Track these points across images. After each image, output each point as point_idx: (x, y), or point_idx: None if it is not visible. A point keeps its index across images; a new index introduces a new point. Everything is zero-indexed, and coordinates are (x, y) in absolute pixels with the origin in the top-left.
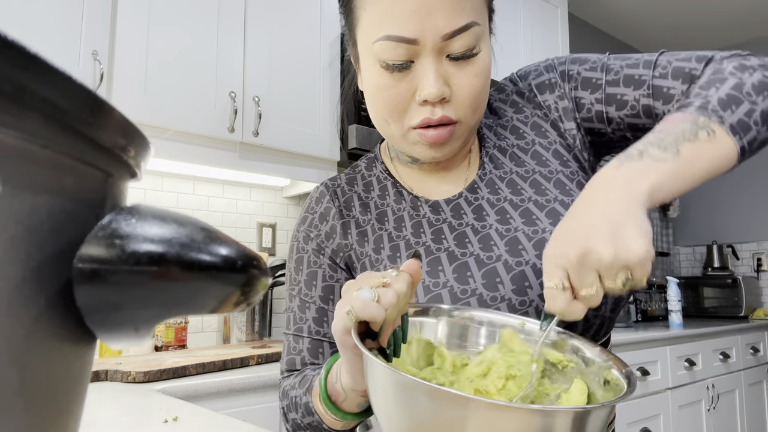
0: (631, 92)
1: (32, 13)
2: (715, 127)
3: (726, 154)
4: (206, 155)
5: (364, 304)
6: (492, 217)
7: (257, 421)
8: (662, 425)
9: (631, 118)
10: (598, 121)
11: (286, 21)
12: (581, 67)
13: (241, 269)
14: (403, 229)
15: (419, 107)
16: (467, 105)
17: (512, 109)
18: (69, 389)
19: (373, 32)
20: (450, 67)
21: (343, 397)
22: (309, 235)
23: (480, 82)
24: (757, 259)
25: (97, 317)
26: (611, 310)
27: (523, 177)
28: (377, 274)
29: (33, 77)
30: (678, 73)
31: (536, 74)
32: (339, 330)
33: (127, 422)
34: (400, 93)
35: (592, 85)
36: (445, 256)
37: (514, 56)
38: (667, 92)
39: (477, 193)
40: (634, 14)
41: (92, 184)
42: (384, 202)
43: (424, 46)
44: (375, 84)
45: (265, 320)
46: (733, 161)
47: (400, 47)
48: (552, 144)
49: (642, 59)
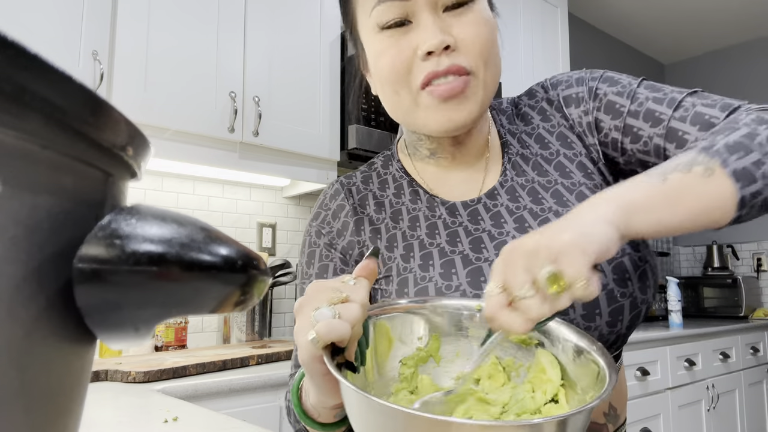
0: (647, 128)
1: (32, 13)
2: (714, 167)
3: (720, 199)
4: (206, 155)
5: (329, 326)
6: (510, 224)
7: (257, 421)
8: (662, 425)
9: (642, 154)
10: (612, 149)
11: (286, 21)
12: (609, 89)
13: (241, 269)
14: (417, 228)
15: (423, 63)
16: (476, 52)
17: (539, 117)
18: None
19: (368, 5)
20: (448, 18)
21: (317, 414)
22: (321, 231)
23: (484, 31)
24: (757, 259)
25: (97, 317)
26: (627, 327)
27: (544, 187)
28: (331, 286)
29: (33, 77)
30: (697, 120)
31: (567, 85)
32: (307, 360)
33: (127, 422)
34: (401, 51)
35: (614, 111)
36: (460, 259)
37: (514, 56)
38: (681, 136)
39: (496, 200)
40: (634, 14)
41: (92, 184)
42: (399, 200)
43: (417, 1)
44: (377, 51)
45: (265, 320)
46: (728, 211)
47: (394, 6)
48: (577, 156)
49: (669, 96)
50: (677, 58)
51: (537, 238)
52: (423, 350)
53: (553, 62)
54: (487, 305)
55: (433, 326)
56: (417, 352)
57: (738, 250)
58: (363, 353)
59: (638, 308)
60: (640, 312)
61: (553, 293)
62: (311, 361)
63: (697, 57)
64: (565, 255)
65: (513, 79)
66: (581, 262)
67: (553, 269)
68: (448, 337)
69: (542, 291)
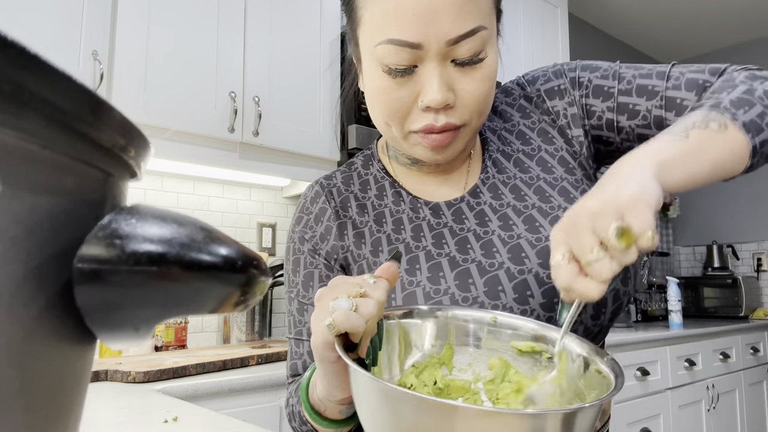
0: (643, 102)
1: (32, 13)
2: (727, 122)
3: (738, 149)
4: (206, 155)
5: (346, 316)
6: (495, 222)
7: (257, 421)
8: (662, 425)
9: (642, 128)
10: (608, 129)
11: (286, 21)
12: (593, 75)
13: (241, 269)
14: (402, 231)
15: (422, 113)
16: (472, 109)
17: (519, 114)
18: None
19: (376, 35)
20: (455, 73)
21: (323, 408)
22: (304, 237)
23: (486, 87)
24: (757, 259)
25: (97, 317)
26: (609, 319)
27: (527, 183)
28: (352, 281)
29: (33, 77)
30: (691, 85)
31: (545, 80)
32: (319, 345)
33: (127, 422)
34: (402, 97)
35: (604, 93)
36: (447, 262)
37: (514, 56)
38: (680, 103)
39: (479, 198)
40: (634, 14)
41: (92, 184)
42: (382, 202)
43: (428, 51)
44: (376, 87)
45: (265, 320)
46: (744, 159)
47: (403, 51)
48: (558, 151)
49: (654, 70)
50: (677, 58)
51: (600, 197)
52: (435, 357)
53: (552, 62)
54: (558, 277)
55: (447, 334)
56: (429, 359)
57: (738, 250)
58: (375, 353)
59: (620, 300)
60: (621, 304)
61: (623, 249)
62: (324, 348)
63: (697, 57)
64: (631, 208)
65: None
66: (648, 213)
67: (621, 224)
68: (462, 347)
69: (611, 249)
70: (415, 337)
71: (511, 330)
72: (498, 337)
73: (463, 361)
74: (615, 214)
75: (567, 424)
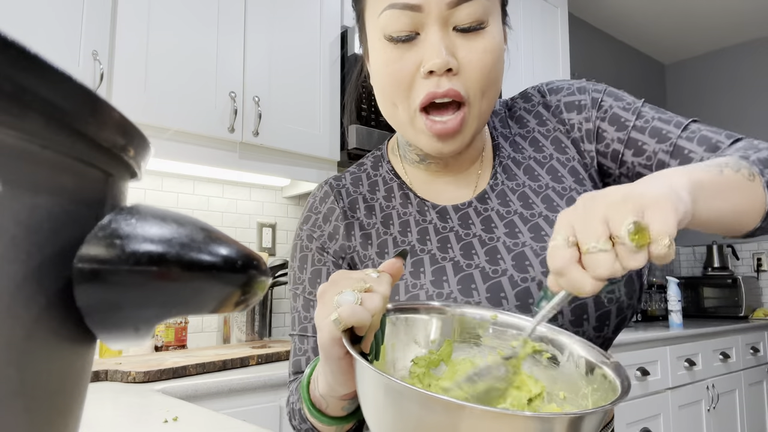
0: (653, 144)
1: (32, 13)
2: (755, 174)
3: (758, 204)
4: (206, 155)
5: (352, 310)
6: (501, 229)
7: (257, 421)
8: (662, 425)
9: (643, 168)
10: (611, 159)
11: (286, 21)
12: (615, 102)
13: (241, 269)
14: (408, 234)
15: (424, 81)
16: (476, 81)
17: (536, 121)
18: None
19: (379, 5)
20: (457, 39)
21: (325, 405)
22: (312, 235)
23: (489, 59)
24: (757, 259)
25: (97, 317)
26: (613, 331)
27: (535, 191)
28: (356, 276)
29: (33, 77)
30: (704, 141)
31: (568, 92)
32: (327, 341)
33: (127, 422)
34: (405, 66)
35: (619, 123)
36: (450, 266)
37: (514, 56)
38: (686, 154)
39: (487, 204)
40: (634, 14)
41: (92, 184)
42: (389, 204)
43: (429, 14)
44: (380, 61)
45: (265, 320)
46: (758, 217)
47: (404, 15)
48: (570, 161)
49: (674, 119)
50: (677, 58)
51: (624, 189)
52: (435, 353)
53: (553, 62)
54: (553, 259)
55: (448, 331)
56: (429, 354)
57: (738, 250)
58: (378, 348)
59: (624, 313)
60: (625, 317)
61: (633, 249)
62: (330, 344)
63: (697, 57)
64: (655, 206)
65: (513, 79)
66: (671, 217)
67: (638, 220)
68: (462, 344)
69: (618, 246)
70: (416, 332)
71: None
72: (499, 335)
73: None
74: (635, 209)
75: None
